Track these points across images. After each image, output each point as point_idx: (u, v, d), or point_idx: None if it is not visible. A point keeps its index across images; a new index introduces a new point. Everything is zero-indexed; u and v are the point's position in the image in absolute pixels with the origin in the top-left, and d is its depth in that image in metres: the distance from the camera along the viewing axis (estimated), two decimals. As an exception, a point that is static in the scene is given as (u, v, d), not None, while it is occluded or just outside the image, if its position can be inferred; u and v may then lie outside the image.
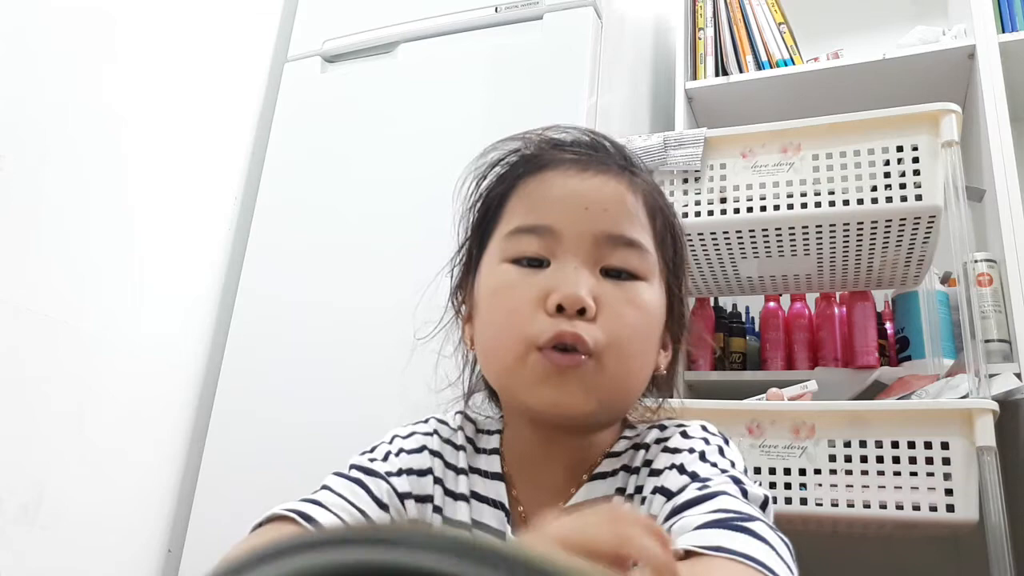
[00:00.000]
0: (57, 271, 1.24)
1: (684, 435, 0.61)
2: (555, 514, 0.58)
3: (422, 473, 0.63)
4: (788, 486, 1.06)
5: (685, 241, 0.68)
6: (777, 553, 0.44)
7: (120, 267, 1.36)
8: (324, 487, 0.60)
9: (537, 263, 0.59)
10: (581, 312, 0.56)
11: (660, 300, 0.61)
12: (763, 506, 0.52)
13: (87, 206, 1.30)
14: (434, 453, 0.65)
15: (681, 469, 0.55)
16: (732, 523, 0.46)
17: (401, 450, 0.64)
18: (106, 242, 1.33)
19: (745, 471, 0.58)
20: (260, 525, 0.55)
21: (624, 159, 0.65)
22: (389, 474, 0.61)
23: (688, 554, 0.44)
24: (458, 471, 0.64)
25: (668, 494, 0.54)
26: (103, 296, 1.32)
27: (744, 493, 0.51)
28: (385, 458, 0.63)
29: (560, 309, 0.56)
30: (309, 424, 1.31)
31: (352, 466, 0.62)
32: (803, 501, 1.05)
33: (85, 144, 1.30)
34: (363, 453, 0.64)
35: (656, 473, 0.58)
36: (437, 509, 0.63)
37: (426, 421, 0.68)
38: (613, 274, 0.59)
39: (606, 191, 0.60)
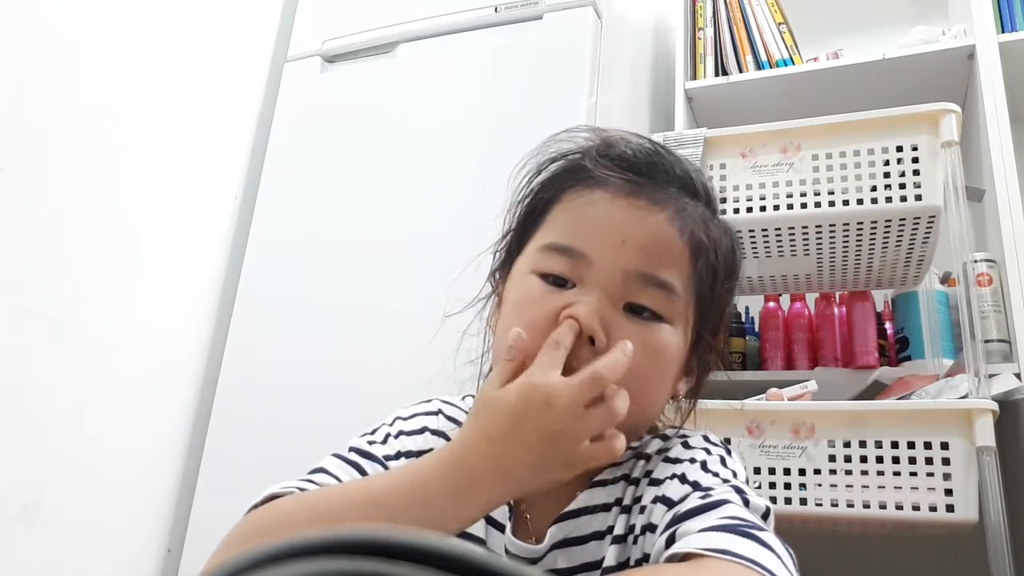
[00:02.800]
0: (57, 271, 1.24)
1: (686, 445, 0.60)
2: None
3: (422, 455, 0.62)
4: (788, 486, 1.06)
5: (730, 280, 0.64)
6: (782, 562, 0.44)
7: (120, 267, 1.36)
8: (320, 469, 0.59)
9: (563, 282, 0.58)
10: (592, 342, 0.54)
11: (680, 342, 0.59)
12: (764, 516, 0.52)
13: (87, 206, 1.30)
14: (436, 433, 0.64)
15: (683, 479, 0.55)
16: (738, 529, 0.46)
17: (401, 432, 0.64)
18: (106, 242, 1.33)
19: (747, 480, 0.58)
20: (256, 507, 0.54)
21: (683, 185, 0.61)
22: (387, 458, 0.61)
23: (693, 557, 0.44)
24: None
25: (669, 503, 0.54)
26: (103, 296, 1.32)
27: (746, 503, 0.51)
28: (384, 440, 0.63)
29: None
30: (310, 424, 1.31)
31: (351, 448, 0.62)
32: (803, 501, 1.05)
33: (85, 144, 1.30)
34: (363, 435, 0.64)
35: (657, 483, 0.57)
36: None
37: (429, 401, 0.68)
38: (637, 309, 0.57)
39: (648, 226, 0.58)
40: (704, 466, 0.56)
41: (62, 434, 1.24)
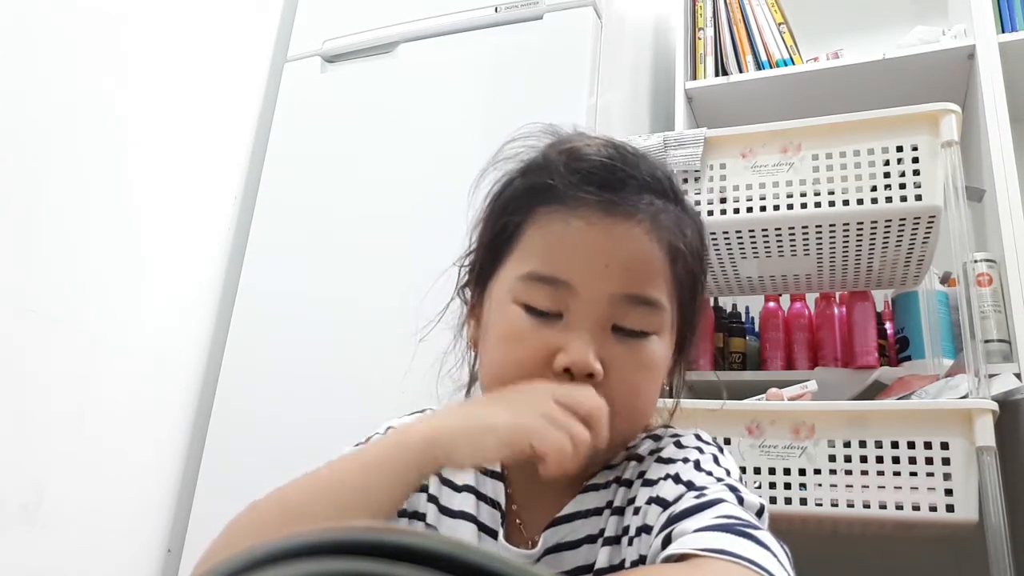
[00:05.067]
0: (57, 271, 1.24)
1: (678, 444, 0.60)
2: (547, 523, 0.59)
3: None
4: (788, 486, 1.06)
5: (705, 278, 0.65)
6: (778, 560, 0.44)
7: (120, 267, 1.36)
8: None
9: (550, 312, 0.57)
10: (589, 375, 0.55)
11: (667, 350, 0.60)
12: (759, 513, 0.52)
13: (87, 206, 1.30)
14: None
15: (676, 478, 0.55)
16: (734, 528, 0.46)
17: None
18: (106, 242, 1.33)
19: (741, 479, 0.58)
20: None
21: (652, 188, 0.60)
22: None
23: (690, 557, 0.44)
24: None
25: (664, 504, 0.54)
26: (103, 296, 1.32)
27: (740, 501, 0.51)
28: None
29: (567, 370, 0.55)
30: (310, 424, 1.31)
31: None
32: (803, 501, 1.05)
33: (85, 144, 1.30)
34: (357, 444, 0.63)
35: (650, 483, 0.57)
36: (432, 499, 0.63)
37: (423, 411, 0.67)
38: (625, 329, 0.57)
39: (630, 245, 0.57)
40: (697, 465, 0.56)
41: (62, 434, 1.24)
